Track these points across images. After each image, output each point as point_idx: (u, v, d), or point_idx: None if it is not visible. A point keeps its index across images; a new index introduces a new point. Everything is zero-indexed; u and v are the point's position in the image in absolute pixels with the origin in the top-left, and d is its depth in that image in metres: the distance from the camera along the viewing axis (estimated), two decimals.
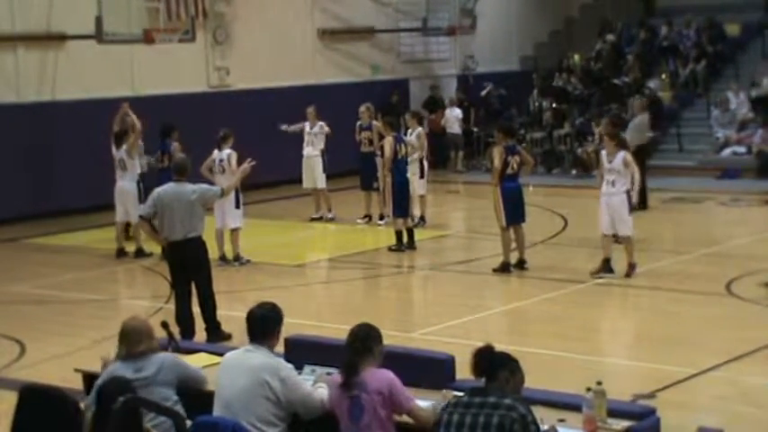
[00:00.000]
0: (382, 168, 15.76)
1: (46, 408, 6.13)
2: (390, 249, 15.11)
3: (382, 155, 15.61)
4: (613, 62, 25.21)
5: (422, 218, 16.88)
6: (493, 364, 5.50)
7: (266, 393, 6.02)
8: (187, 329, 10.27)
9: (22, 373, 9.65)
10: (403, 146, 15.35)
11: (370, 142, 17.29)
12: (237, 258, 14.40)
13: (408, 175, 15.49)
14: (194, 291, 10.55)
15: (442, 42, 25.58)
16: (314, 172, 17.64)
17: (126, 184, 15.18)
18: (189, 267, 10.42)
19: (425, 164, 16.79)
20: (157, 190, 10.46)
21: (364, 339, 5.99)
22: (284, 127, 17.98)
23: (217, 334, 10.44)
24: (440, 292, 13.37)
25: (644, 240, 13.87)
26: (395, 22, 24.88)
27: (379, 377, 5.90)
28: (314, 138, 17.62)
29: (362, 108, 17.54)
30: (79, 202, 18.97)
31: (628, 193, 12.71)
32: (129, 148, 15.07)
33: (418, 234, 15.93)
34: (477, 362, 5.52)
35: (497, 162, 13.11)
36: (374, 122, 17.34)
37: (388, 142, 15.17)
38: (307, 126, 17.70)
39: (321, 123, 17.57)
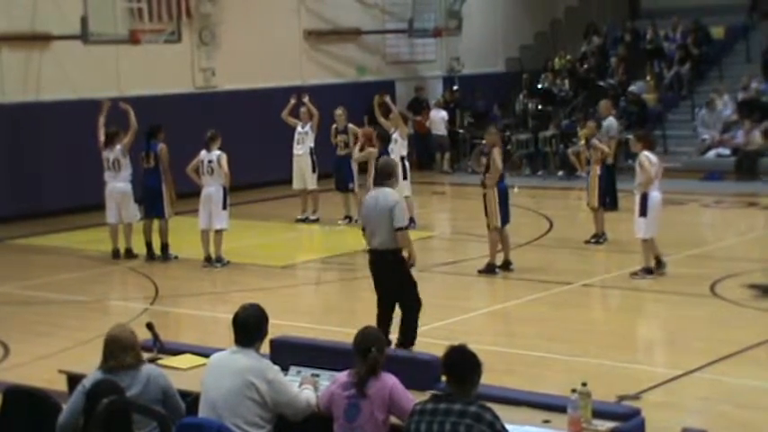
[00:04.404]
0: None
1: (30, 410, 6.11)
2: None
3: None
4: (599, 64, 25.30)
5: (411, 219, 16.88)
6: (465, 367, 5.41)
7: (252, 395, 6.01)
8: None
9: (5, 375, 9.60)
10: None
11: (346, 145, 17.33)
12: (219, 259, 14.38)
13: None
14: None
15: (427, 44, 25.61)
16: (304, 173, 17.67)
17: (120, 185, 15.07)
18: (382, 279, 9.71)
19: (407, 164, 16.79)
20: (366, 197, 9.80)
21: (381, 349, 6.01)
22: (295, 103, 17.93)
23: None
24: (425, 293, 13.21)
25: (628, 242, 13.91)
26: (381, 23, 24.91)
27: (380, 381, 5.92)
28: (304, 137, 17.68)
29: (338, 111, 17.59)
30: (64, 202, 18.92)
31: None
32: (124, 148, 15.00)
33: None
34: (449, 363, 5.44)
35: (500, 163, 13.12)
36: (350, 126, 17.40)
37: (373, 155, 15.16)
38: (299, 125, 17.75)
39: (310, 123, 17.65)
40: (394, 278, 9.64)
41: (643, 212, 12.70)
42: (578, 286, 12.80)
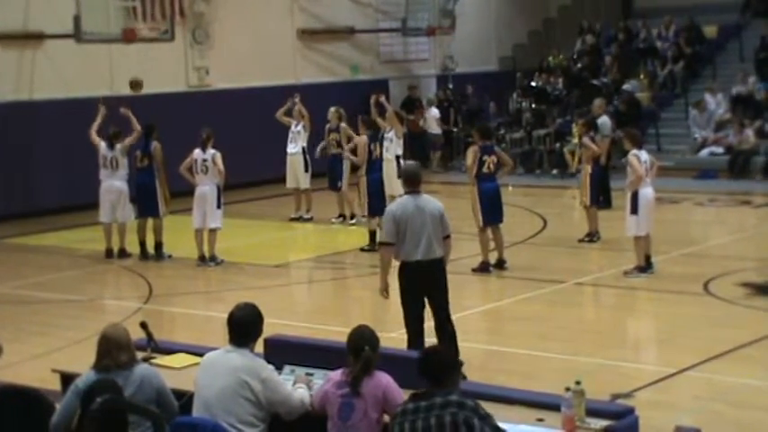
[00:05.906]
0: (351, 168, 15.75)
1: (23, 409, 6.10)
2: (363, 250, 15.03)
3: (353, 154, 15.62)
4: (592, 63, 25.32)
5: None
6: (441, 368, 5.43)
7: (246, 394, 6.01)
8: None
9: None
10: (378, 145, 15.33)
11: (338, 144, 17.32)
12: (213, 258, 14.37)
13: (385, 175, 15.42)
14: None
15: (421, 43, 25.62)
16: (297, 171, 17.67)
17: (117, 183, 15.02)
18: (430, 289, 9.12)
19: (402, 164, 16.75)
20: (392, 209, 9.07)
21: (374, 348, 6.02)
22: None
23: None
24: None
25: (622, 240, 13.93)
26: (374, 22, 24.89)
27: (374, 380, 5.94)
28: (297, 136, 17.69)
29: (331, 110, 17.59)
30: (57, 201, 18.90)
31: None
32: (124, 148, 14.96)
33: None
34: (426, 365, 5.46)
35: (470, 161, 13.22)
36: (342, 125, 17.38)
37: (362, 142, 15.17)
38: (292, 124, 17.75)
39: (302, 122, 17.65)
40: (443, 287, 9.19)
41: (634, 210, 12.75)
42: (572, 285, 12.81)
